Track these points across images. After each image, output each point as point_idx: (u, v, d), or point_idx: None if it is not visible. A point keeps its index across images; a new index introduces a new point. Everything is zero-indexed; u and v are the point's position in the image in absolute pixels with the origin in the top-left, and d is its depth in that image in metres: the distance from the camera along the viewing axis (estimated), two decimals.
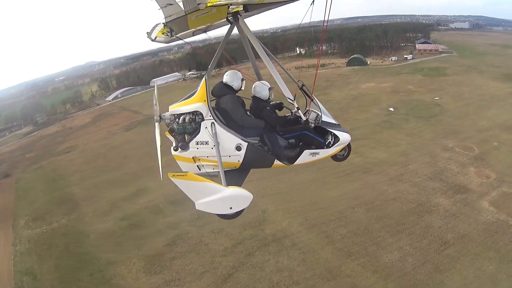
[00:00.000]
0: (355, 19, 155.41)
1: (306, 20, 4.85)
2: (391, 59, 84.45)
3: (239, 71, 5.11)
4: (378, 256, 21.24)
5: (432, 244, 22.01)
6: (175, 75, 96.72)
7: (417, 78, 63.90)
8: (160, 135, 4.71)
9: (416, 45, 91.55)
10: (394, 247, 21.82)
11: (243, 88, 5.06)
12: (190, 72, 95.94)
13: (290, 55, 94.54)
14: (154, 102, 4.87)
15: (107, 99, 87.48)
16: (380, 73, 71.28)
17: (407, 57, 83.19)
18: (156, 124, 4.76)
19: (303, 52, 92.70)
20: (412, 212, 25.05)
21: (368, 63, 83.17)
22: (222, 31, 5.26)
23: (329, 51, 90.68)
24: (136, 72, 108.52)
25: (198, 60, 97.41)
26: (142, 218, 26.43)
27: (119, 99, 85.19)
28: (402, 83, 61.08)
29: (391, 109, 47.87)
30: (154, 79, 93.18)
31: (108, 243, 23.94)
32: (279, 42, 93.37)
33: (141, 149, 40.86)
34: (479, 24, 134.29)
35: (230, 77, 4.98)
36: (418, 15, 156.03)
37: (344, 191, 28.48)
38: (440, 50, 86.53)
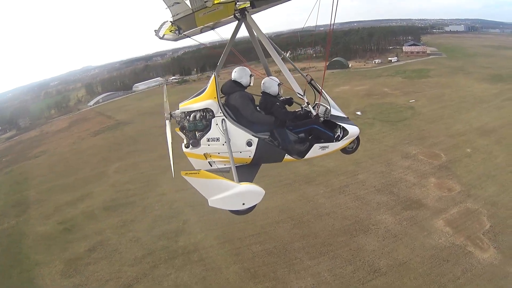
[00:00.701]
0: (351, 24, 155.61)
1: (311, 21, 5.00)
2: (375, 61, 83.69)
3: (247, 67, 5.09)
4: (286, 281, 18.28)
5: (358, 271, 18.49)
6: (157, 80, 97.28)
7: (396, 81, 61.80)
8: (172, 132, 4.71)
9: (403, 48, 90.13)
10: (309, 272, 18.65)
11: (251, 84, 5.05)
12: (173, 77, 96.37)
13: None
14: (164, 100, 4.90)
15: (89, 104, 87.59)
16: (359, 76, 69.37)
17: (391, 60, 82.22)
18: (167, 121, 4.77)
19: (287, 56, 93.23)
20: (344, 231, 21.60)
21: (350, 66, 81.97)
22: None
23: (314, 55, 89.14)
24: (121, 77, 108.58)
25: (182, 66, 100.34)
26: (76, 223, 26.34)
27: (99, 104, 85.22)
28: (379, 85, 58.39)
29: (358, 113, 44.33)
30: (136, 84, 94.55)
31: (41, 245, 24.23)
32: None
33: (100, 154, 41.97)
34: (475, 27, 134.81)
35: (238, 73, 4.99)
36: (415, 19, 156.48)
37: (277, 203, 25.11)
38: (428, 52, 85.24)
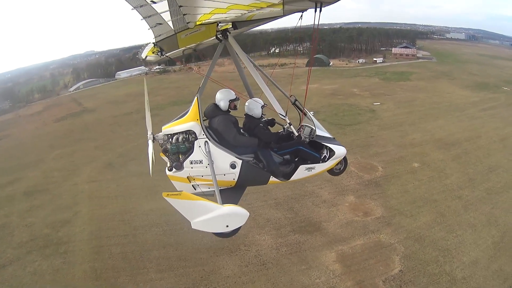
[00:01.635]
0: (354, 24, 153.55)
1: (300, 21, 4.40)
2: (358, 61, 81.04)
3: (232, 90, 5.04)
4: None
5: None
6: (140, 69, 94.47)
7: (371, 82, 58.62)
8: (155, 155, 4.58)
9: (392, 49, 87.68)
10: (148, 286, 15.82)
11: (236, 108, 4.98)
12: (156, 67, 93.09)
13: (261, 54, 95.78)
14: (147, 120, 4.77)
15: (70, 90, 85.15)
16: (335, 75, 66.48)
17: (376, 60, 79.59)
18: (150, 142, 4.62)
19: (277, 51, 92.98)
20: (210, 247, 17.57)
21: (331, 64, 78.87)
22: None
23: (301, 51, 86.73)
24: (108, 65, 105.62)
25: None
26: None
27: (79, 90, 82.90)
28: (350, 85, 55.17)
29: (311, 113, 37.41)
30: (118, 72, 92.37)
31: None
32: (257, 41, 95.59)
33: (50, 141, 40.44)
34: (475, 36, 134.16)
35: (219, 96, 4.92)
36: (419, 25, 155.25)
37: (164, 205, 19.44)
38: (420, 55, 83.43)
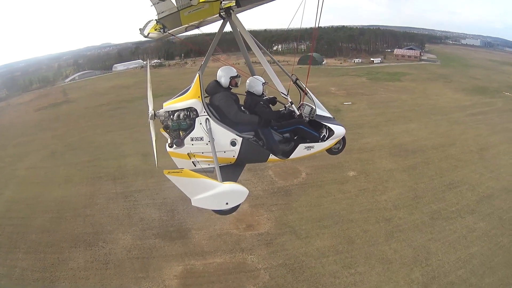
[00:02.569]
0: (370, 27, 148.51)
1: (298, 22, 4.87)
2: (354, 61, 77.55)
3: (232, 66, 4.96)
4: None
5: None
6: (137, 62, 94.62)
7: (356, 81, 55.02)
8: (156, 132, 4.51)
9: (395, 50, 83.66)
10: None
11: (237, 86, 4.91)
12: (155, 61, 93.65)
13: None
14: (148, 99, 4.68)
15: (65, 80, 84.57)
16: (323, 73, 62.68)
17: (373, 60, 75.93)
18: (151, 121, 4.56)
19: (280, 49, 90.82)
20: (67, 240, 16.82)
21: (324, 62, 75.76)
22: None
23: (302, 48, 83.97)
24: (109, 56, 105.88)
25: (166, 50, 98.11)
26: None
27: (75, 81, 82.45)
28: (330, 84, 51.08)
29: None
30: (115, 65, 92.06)
31: None
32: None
33: (19, 130, 39.98)
34: (491, 43, 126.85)
35: (220, 73, 4.86)
36: (437, 30, 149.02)
37: (66, 193, 21.67)
38: (425, 58, 78.92)
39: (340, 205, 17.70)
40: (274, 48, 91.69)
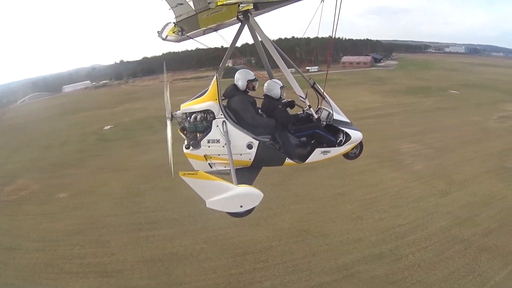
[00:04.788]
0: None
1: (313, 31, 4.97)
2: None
3: (251, 70, 5.10)
4: None
5: None
6: (85, 83, 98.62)
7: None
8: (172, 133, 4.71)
9: (343, 58, 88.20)
10: None
11: (255, 89, 5.04)
12: (103, 82, 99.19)
13: None
14: (166, 100, 4.86)
15: (17, 103, 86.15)
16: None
17: (309, 69, 73.74)
18: (168, 121, 4.76)
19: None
20: None
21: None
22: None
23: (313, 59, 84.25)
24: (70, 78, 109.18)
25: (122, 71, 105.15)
26: None
27: (23, 103, 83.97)
28: None
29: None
30: (64, 86, 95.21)
31: None
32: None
33: None
34: (477, 49, 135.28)
35: (237, 76, 4.99)
36: (427, 41, 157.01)
37: None
38: (382, 64, 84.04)
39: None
40: None
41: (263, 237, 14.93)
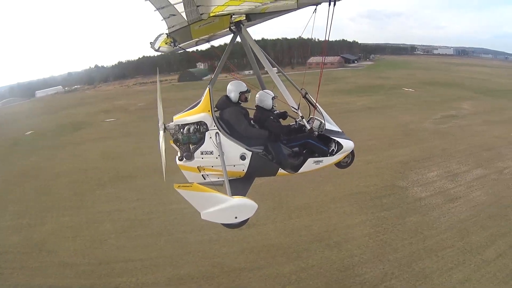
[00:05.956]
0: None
1: (308, 31, 4.63)
2: (245, 73, 77.03)
3: (243, 81, 5.09)
4: None
5: None
6: (57, 88, 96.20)
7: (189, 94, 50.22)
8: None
9: (310, 58, 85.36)
10: None
11: (247, 101, 5.03)
12: (74, 87, 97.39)
13: None
14: (159, 111, 4.80)
15: None
16: (196, 87, 56.02)
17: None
18: (161, 132, 4.67)
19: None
20: None
21: (206, 77, 76.29)
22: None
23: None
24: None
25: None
26: None
27: None
28: (148, 101, 47.22)
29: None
30: (37, 91, 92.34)
31: None
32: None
33: None
34: (466, 51, 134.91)
35: (230, 87, 4.97)
36: (418, 45, 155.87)
37: None
38: (354, 64, 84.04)
39: None
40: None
41: None
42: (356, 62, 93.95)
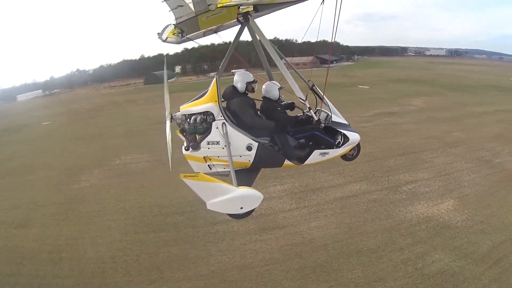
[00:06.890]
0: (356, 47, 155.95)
1: (315, 22, 4.84)
2: (211, 74, 78.21)
3: (250, 72, 5.09)
4: None
5: None
6: (37, 93, 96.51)
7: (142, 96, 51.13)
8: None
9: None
10: None
11: (254, 91, 5.04)
12: (54, 91, 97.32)
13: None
14: (165, 101, 4.83)
15: None
16: (147, 92, 57.01)
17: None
18: (167, 122, 4.73)
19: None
20: None
21: (174, 79, 76.47)
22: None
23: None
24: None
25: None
26: None
27: None
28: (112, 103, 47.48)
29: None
30: (18, 95, 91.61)
31: None
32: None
33: None
34: (458, 52, 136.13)
35: (236, 78, 4.99)
36: (412, 47, 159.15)
37: None
38: (333, 65, 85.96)
39: None
40: None
41: None
42: (335, 62, 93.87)
